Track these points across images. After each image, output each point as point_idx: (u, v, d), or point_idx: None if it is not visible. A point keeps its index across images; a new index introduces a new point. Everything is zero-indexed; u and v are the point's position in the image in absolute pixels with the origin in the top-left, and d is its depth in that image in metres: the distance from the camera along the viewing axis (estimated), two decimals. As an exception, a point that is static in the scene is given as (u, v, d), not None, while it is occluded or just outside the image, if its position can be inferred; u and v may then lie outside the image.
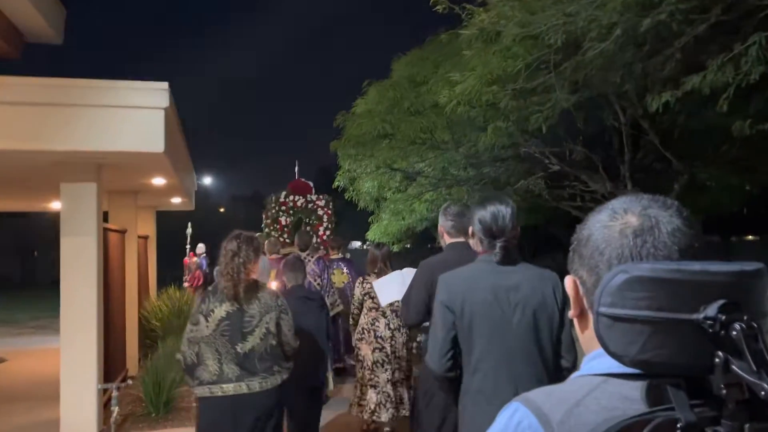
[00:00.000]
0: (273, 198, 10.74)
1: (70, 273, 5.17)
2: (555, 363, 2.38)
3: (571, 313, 0.89)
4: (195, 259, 12.77)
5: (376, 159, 8.35)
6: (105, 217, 7.91)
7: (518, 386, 2.23)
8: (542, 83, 4.98)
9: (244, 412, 3.06)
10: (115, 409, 5.12)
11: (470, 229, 2.52)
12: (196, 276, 12.26)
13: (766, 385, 0.61)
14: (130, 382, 5.56)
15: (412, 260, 8.88)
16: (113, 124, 4.76)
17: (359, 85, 8.75)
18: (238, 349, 3.07)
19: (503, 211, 2.38)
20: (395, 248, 11.35)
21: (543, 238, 16.97)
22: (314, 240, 9.31)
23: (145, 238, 10.14)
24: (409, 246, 12.55)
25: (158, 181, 6.68)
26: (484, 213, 2.39)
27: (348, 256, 8.16)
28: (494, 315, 2.31)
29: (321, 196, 10.55)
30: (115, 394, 5.16)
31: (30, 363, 8.73)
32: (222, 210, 45.50)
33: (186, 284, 12.26)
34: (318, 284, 6.38)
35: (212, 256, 12.72)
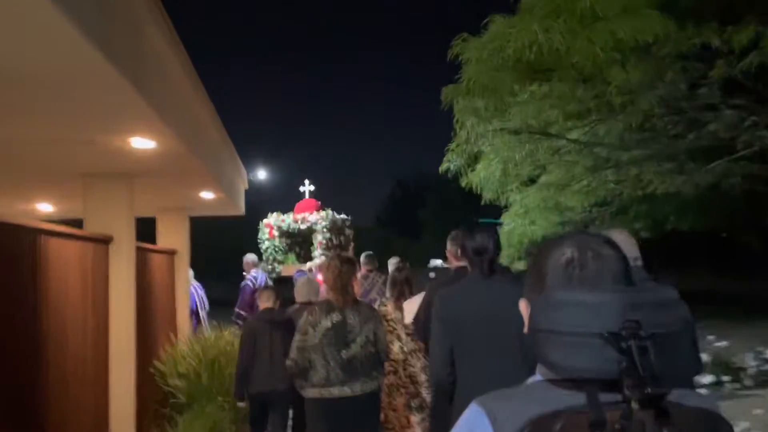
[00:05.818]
0: (316, 219, 11.04)
1: None
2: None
3: (525, 329, 1.00)
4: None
5: (515, 117, 5.05)
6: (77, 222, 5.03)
7: None
8: None
9: (348, 413, 3.49)
10: None
11: (458, 250, 3.20)
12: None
13: (648, 387, 0.80)
14: None
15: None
16: None
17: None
18: (343, 356, 3.50)
19: (486, 239, 2.79)
20: (522, 264, 7.91)
21: (716, 247, 13.41)
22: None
23: (171, 253, 7.23)
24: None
25: (142, 143, 3.63)
26: (473, 241, 2.80)
27: (432, 275, 7.29)
28: (483, 331, 2.62)
29: (346, 218, 11.41)
30: None
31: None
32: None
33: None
34: None
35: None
